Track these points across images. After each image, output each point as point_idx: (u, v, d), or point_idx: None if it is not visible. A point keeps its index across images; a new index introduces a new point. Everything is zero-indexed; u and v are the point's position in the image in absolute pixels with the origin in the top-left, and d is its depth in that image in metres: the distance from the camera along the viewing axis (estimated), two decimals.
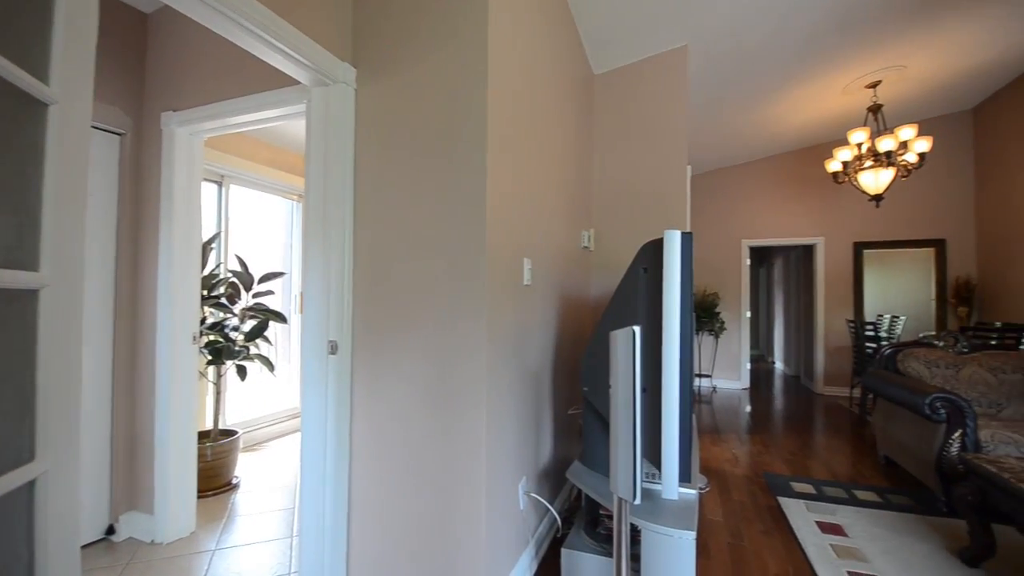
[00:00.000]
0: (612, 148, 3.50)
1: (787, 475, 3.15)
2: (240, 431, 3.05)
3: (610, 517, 1.88)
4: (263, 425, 3.82)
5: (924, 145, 4.18)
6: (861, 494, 2.83)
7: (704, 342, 6.59)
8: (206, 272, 2.96)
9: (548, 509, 2.19)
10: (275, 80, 2.04)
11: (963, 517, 2.09)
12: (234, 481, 2.95)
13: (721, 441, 3.96)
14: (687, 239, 1.36)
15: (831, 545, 2.21)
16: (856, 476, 3.16)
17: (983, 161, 5.40)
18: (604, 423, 1.80)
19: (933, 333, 3.55)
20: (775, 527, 2.41)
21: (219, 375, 3.11)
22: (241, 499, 2.74)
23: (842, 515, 2.53)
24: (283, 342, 4.20)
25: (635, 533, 1.50)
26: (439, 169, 1.64)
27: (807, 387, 6.62)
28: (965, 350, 3.22)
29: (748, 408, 5.29)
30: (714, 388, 6.42)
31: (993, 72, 4.59)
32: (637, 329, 1.19)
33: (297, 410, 4.05)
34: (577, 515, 2.03)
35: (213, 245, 3.13)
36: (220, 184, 3.61)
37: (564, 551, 1.75)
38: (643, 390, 1.44)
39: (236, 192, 3.75)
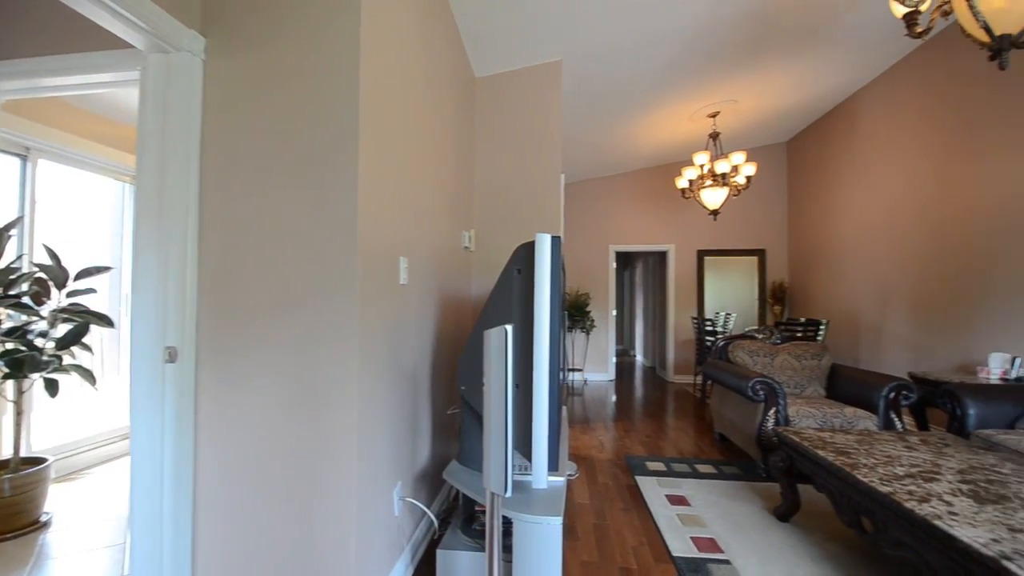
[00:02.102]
0: (492, 151, 3.59)
1: (644, 456, 3.51)
2: (51, 458, 2.52)
3: (485, 513, 1.92)
4: (85, 449, 3.20)
5: (751, 169, 4.97)
6: (701, 467, 3.26)
7: (577, 339, 7.05)
8: (1, 265, 2.40)
9: (425, 512, 2.16)
10: (108, 40, 1.72)
11: (777, 480, 2.52)
12: (43, 519, 2.43)
13: (590, 430, 4.28)
14: (556, 242, 1.44)
15: (677, 515, 2.51)
16: (698, 452, 3.64)
17: (793, 185, 6.60)
18: (481, 421, 1.83)
19: (755, 327, 4.24)
20: (633, 504, 2.67)
21: (20, 391, 2.53)
22: (53, 539, 2.27)
23: (686, 487, 2.89)
24: (111, 350, 3.55)
25: (508, 525, 1.55)
26: (305, 159, 1.53)
27: (661, 376, 7.45)
28: (778, 341, 3.89)
29: (614, 398, 5.79)
30: (585, 381, 6.91)
31: (801, 112, 5.63)
32: (509, 328, 1.24)
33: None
34: (454, 515, 2.04)
35: (12, 232, 2.54)
36: (24, 158, 2.95)
37: (439, 552, 1.75)
38: (516, 386, 1.50)
39: (48, 169, 3.09)
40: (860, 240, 5.08)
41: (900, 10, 1.85)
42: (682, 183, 5.30)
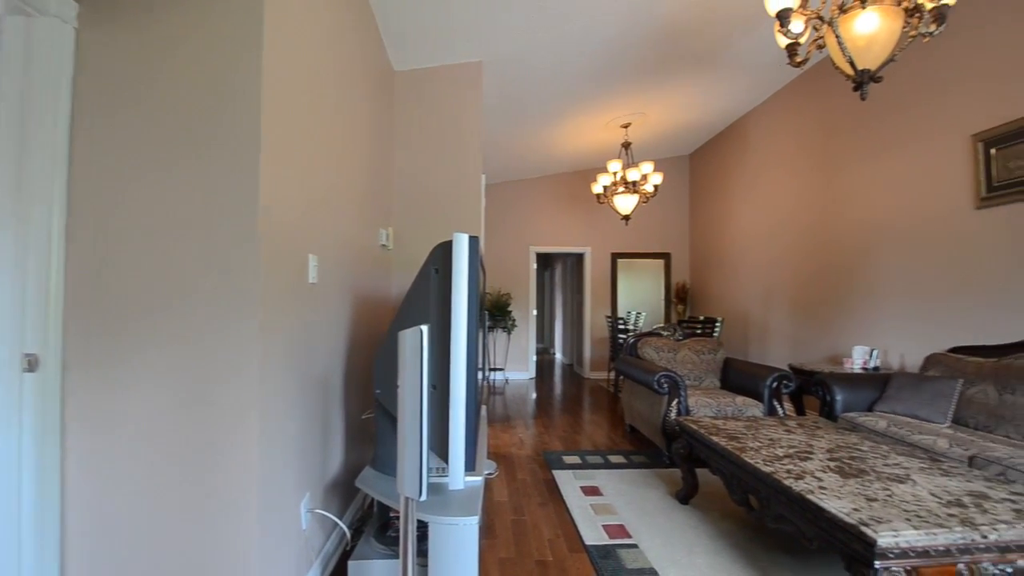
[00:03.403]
0: (412, 148, 3.51)
1: (561, 450, 3.62)
2: None
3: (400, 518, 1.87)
4: None
5: (658, 178, 5.32)
6: (613, 458, 3.43)
7: (498, 338, 7.12)
8: None
9: (336, 523, 2.06)
10: None
11: (678, 466, 2.71)
12: None
13: (510, 428, 4.33)
14: (474, 242, 1.44)
15: (591, 505, 2.62)
16: (611, 444, 3.83)
17: (694, 195, 7.17)
18: (396, 425, 1.78)
19: (662, 325, 4.55)
20: (550, 498, 2.75)
21: None
22: None
23: (599, 478, 3.03)
24: None
25: (425, 529, 1.52)
26: (199, 140, 1.39)
27: (578, 373, 7.74)
28: (680, 338, 4.20)
29: (534, 396, 5.92)
30: (506, 380, 6.99)
31: (702, 128, 6.12)
32: (425, 328, 1.21)
33: None
34: (368, 524, 1.96)
35: None
36: None
37: (351, 563, 1.67)
38: (432, 387, 1.48)
39: None
40: (749, 245, 5.64)
41: (783, 41, 2.08)
42: (597, 188, 5.55)
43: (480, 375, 2.56)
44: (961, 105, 3.14)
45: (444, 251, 1.48)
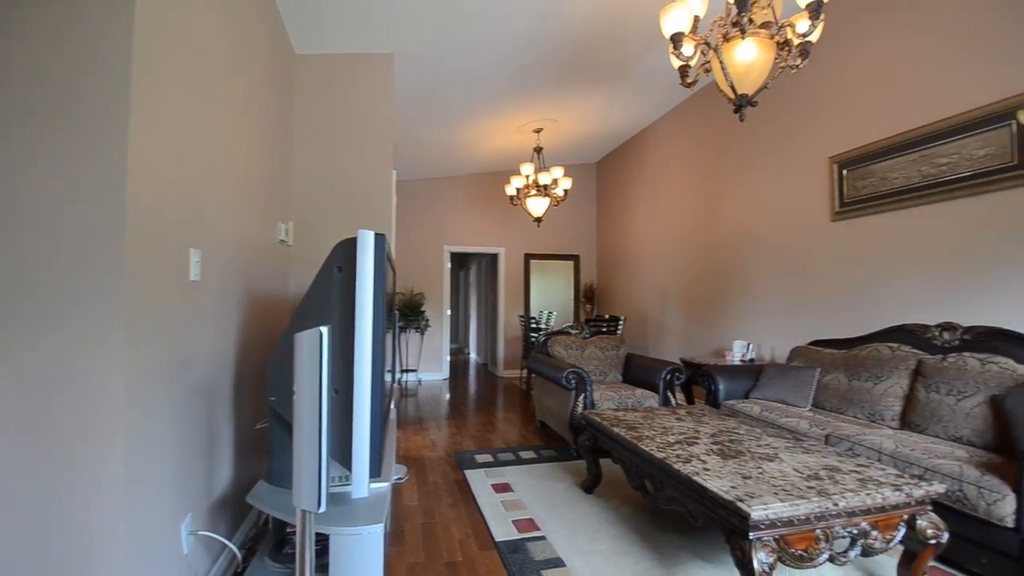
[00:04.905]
0: (316, 138, 3.31)
1: (473, 450, 3.62)
2: None
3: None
4: None
5: (568, 183, 5.52)
6: (524, 454, 3.51)
7: (411, 339, 6.95)
8: None
9: (226, 545, 1.88)
10: None
11: (584, 458, 2.84)
12: None
13: (423, 430, 4.25)
14: (380, 239, 1.39)
15: (501, 502, 2.65)
16: (522, 440, 3.90)
17: (601, 201, 7.55)
18: (293, 434, 1.66)
19: (571, 324, 4.74)
20: (461, 498, 2.73)
21: None
22: None
23: (510, 475, 3.08)
24: None
25: (327, 542, 1.44)
26: (50, 116, 1.19)
27: (492, 372, 7.82)
28: (587, 336, 4.40)
29: (447, 396, 5.87)
30: (419, 381, 6.86)
31: (608, 137, 6.46)
32: (325, 330, 1.15)
33: None
34: (262, 542, 1.81)
35: None
36: None
37: None
38: (335, 392, 1.40)
39: None
40: (648, 249, 6.07)
41: (676, 62, 2.26)
42: (510, 190, 5.64)
43: (390, 377, 2.48)
44: (821, 130, 3.63)
45: (347, 248, 1.41)
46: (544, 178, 5.34)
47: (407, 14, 3.08)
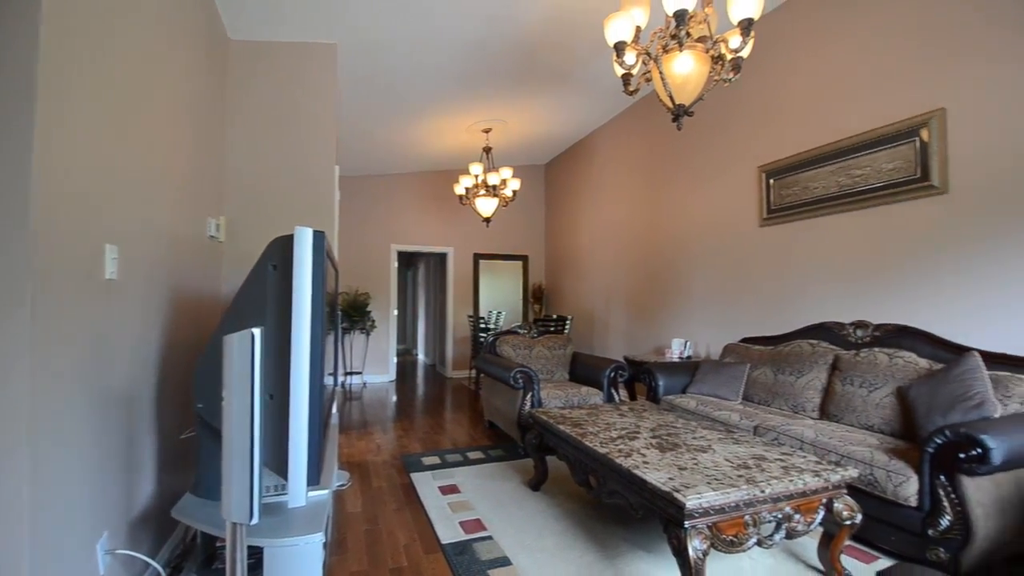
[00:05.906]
0: (252, 130, 3.13)
1: (420, 452, 3.57)
2: None
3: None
4: None
5: (516, 184, 5.56)
6: (472, 455, 3.49)
7: (356, 340, 6.75)
8: None
9: (148, 563, 1.74)
10: None
11: (531, 456, 2.86)
12: None
13: (367, 434, 4.14)
14: (319, 237, 1.34)
15: (448, 504, 2.63)
16: (471, 441, 3.89)
17: (549, 202, 7.66)
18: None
19: (519, 324, 4.77)
20: (407, 502, 2.68)
21: None
22: None
23: (458, 476, 3.05)
24: None
25: (261, 556, 1.36)
26: None
27: (441, 373, 7.73)
28: (535, 335, 4.45)
29: (394, 399, 5.74)
30: (364, 384, 6.67)
31: (557, 140, 6.56)
32: (257, 332, 1.09)
33: None
34: (189, 559, 1.70)
35: None
36: None
37: None
38: (269, 397, 1.33)
39: None
40: (594, 250, 6.23)
41: (619, 70, 2.32)
42: (459, 190, 5.60)
43: (332, 380, 2.39)
44: (753, 141, 3.87)
45: (283, 246, 1.35)
46: (493, 178, 5.34)
47: (351, 3, 2.98)
